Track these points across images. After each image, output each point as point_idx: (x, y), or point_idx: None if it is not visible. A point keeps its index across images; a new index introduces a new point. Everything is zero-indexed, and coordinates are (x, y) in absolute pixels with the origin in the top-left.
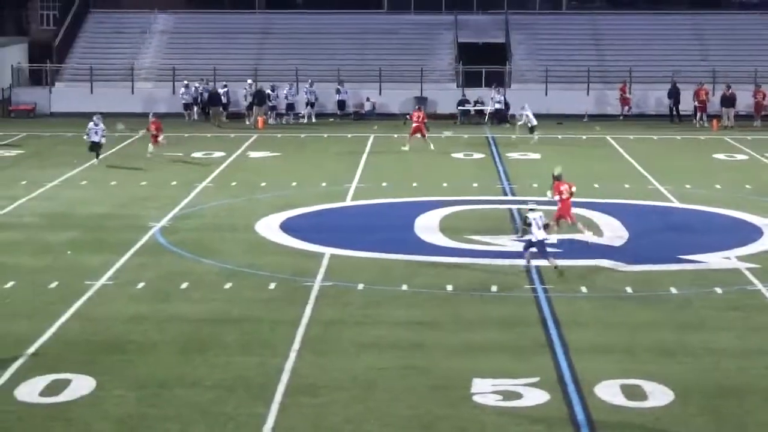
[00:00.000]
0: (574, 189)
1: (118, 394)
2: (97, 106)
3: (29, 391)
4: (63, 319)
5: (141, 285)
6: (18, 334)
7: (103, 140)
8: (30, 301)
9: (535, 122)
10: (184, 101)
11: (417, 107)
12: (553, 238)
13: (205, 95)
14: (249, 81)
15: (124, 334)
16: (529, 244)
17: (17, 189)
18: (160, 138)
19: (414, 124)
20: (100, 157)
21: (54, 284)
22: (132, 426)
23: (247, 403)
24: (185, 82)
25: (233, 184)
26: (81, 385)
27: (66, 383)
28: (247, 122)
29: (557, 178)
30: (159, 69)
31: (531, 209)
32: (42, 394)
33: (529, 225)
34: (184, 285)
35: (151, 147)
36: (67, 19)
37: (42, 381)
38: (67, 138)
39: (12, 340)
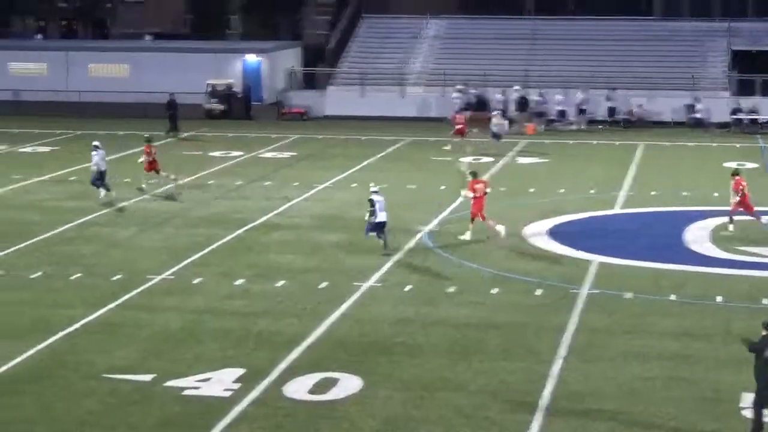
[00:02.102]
0: (488, 189)
1: (384, 394)
2: (369, 110)
3: (298, 389)
4: (332, 319)
5: (408, 288)
6: (288, 333)
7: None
8: (300, 301)
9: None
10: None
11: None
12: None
13: (474, 100)
14: (516, 87)
15: (391, 336)
16: (373, 226)
17: (290, 190)
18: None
19: (458, 126)
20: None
21: (324, 284)
22: (397, 427)
23: (510, 408)
24: (458, 86)
25: (502, 189)
26: (348, 384)
27: (334, 382)
28: (517, 128)
29: (473, 176)
30: (429, 74)
31: (374, 192)
32: (310, 391)
33: (374, 206)
34: (451, 289)
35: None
36: (340, 23)
37: (311, 379)
38: (338, 141)
39: (283, 338)
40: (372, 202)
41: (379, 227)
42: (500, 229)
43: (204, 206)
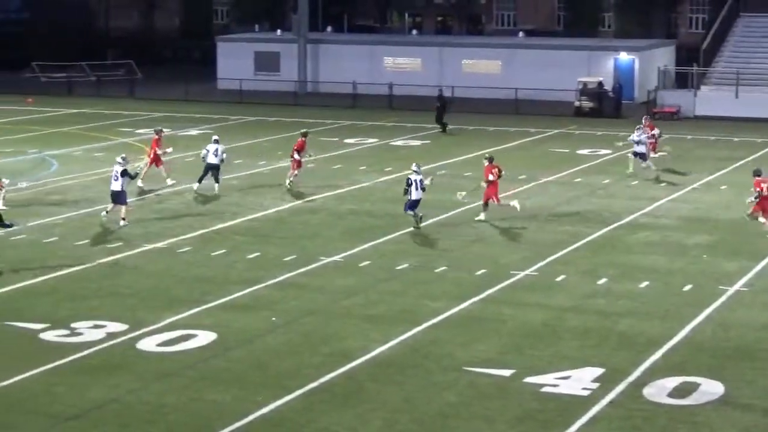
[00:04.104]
0: (503, 172)
1: (746, 402)
2: (742, 111)
3: (658, 391)
4: (695, 322)
5: None
6: (650, 334)
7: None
8: (663, 303)
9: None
10: None
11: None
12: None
13: None
14: None
15: (757, 342)
16: (409, 203)
17: (657, 190)
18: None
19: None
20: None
21: (688, 287)
22: None
23: None
24: None
25: None
26: (709, 389)
27: (694, 387)
28: None
29: (489, 161)
30: None
31: (414, 171)
32: (670, 395)
33: (410, 185)
34: None
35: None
36: (715, 22)
37: (670, 382)
38: (708, 141)
39: (644, 339)
40: (408, 180)
41: (414, 205)
42: (515, 204)
43: (571, 203)
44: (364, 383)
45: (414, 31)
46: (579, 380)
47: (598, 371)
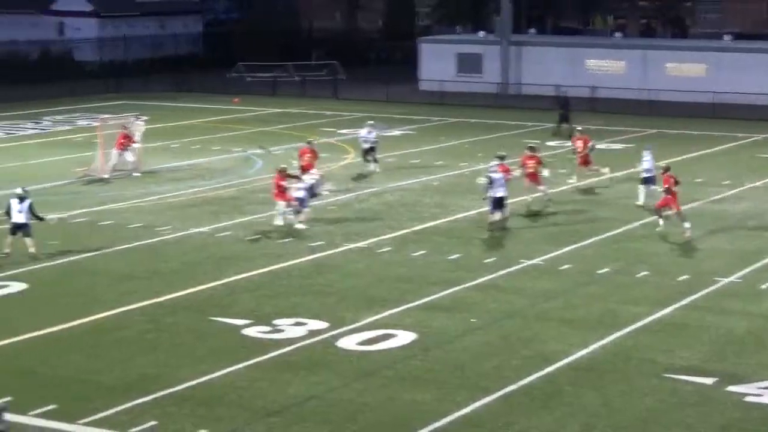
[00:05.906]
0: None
1: None
2: None
3: None
4: None
5: None
6: None
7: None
8: None
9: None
10: None
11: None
12: None
13: None
14: None
15: None
16: (495, 202)
17: None
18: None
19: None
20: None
21: None
22: None
23: None
24: None
25: None
26: None
27: None
28: None
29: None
30: None
31: (494, 171)
32: None
33: (491, 183)
34: None
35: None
36: None
37: None
38: None
39: None
40: (489, 179)
41: (495, 203)
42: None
43: None
44: (563, 387)
45: (617, 34)
46: None
47: None
